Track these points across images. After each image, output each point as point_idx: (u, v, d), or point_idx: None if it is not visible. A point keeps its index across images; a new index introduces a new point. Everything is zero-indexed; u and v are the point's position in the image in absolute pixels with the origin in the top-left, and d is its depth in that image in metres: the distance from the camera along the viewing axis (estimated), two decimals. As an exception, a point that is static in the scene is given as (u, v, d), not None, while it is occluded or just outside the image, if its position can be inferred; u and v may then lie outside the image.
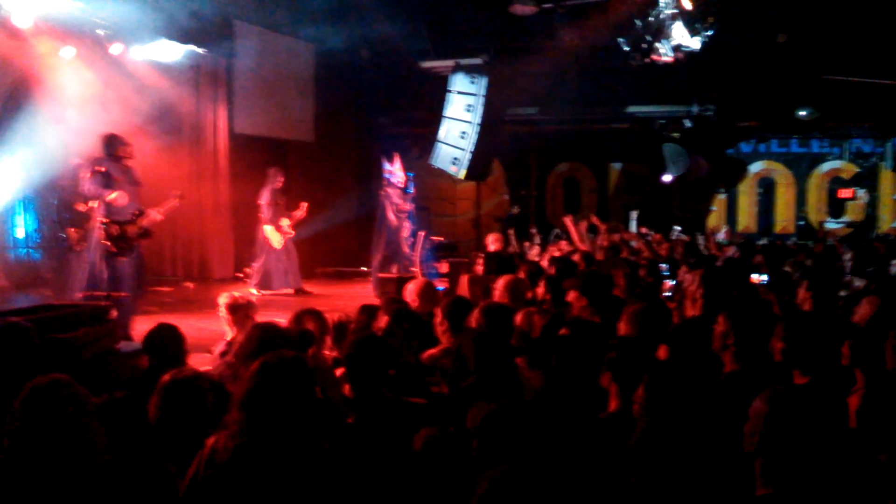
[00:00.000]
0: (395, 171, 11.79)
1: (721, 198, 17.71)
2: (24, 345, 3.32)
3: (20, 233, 11.57)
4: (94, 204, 7.75)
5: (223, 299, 4.92)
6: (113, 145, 7.87)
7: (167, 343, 4.07)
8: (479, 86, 14.42)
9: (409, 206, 11.91)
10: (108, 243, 7.48)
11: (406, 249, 11.82)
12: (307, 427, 2.64)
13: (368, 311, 4.99)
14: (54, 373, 2.62)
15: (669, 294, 5.51)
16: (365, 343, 3.45)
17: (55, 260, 10.52)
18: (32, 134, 11.76)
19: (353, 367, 3.39)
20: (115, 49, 11.37)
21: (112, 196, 7.65)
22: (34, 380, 2.48)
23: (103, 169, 7.70)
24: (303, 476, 2.52)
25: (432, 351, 4.52)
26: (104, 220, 7.53)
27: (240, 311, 4.85)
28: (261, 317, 9.32)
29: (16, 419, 2.41)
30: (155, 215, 7.86)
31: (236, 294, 5.01)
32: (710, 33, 11.48)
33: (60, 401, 2.45)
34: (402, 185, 11.78)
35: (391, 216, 11.56)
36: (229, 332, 4.84)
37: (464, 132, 14.05)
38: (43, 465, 2.35)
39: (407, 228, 11.87)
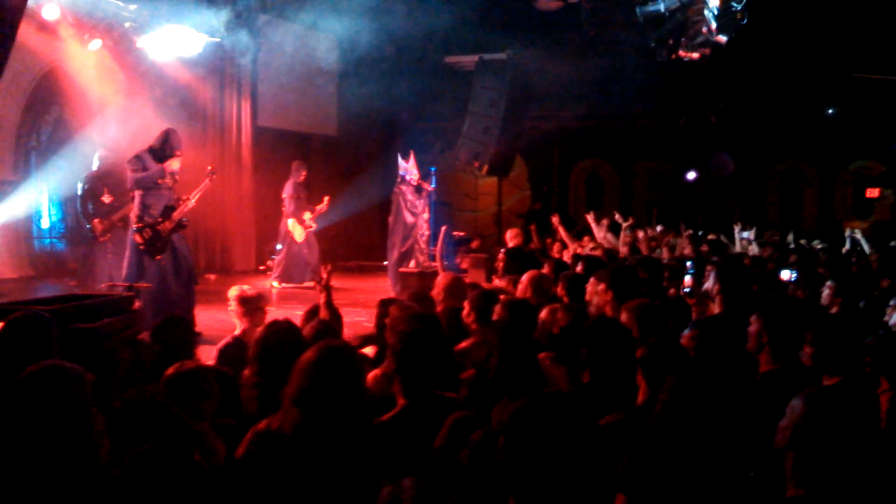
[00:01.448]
0: (409, 168, 11.78)
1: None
2: (44, 335, 3.32)
3: (45, 223, 11.68)
4: (129, 203, 7.75)
5: (233, 292, 4.92)
6: (167, 143, 7.85)
7: (175, 335, 4.07)
8: (503, 81, 14.37)
9: (422, 203, 11.89)
10: (143, 247, 7.48)
11: (423, 245, 11.80)
12: (358, 411, 2.67)
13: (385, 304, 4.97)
14: (72, 362, 2.61)
15: (688, 290, 5.44)
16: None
17: (80, 250, 10.60)
18: (59, 125, 11.89)
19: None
20: (142, 42, 11.44)
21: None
22: (28, 367, 2.45)
23: (145, 161, 7.69)
24: (356, 455, 2.57)
25: (464, 344, 4.49)
26: (137, 225, 7.54)
27: (250, 303, 4.83)
28: (280, 310, 9.39)
29: (8, 405, 2.39)
30: (188, 202, 7.84)
31: (246, 287, 4.98)
32: (738, 29, 11.34)
33: (51, 388, 2.41)
34: (416, 183, 11.76)
35: (406, 213, 11.55)
36: (239, 325, 4.83)
37: (487, 127, 14.01)
38: (34, 454, 2.32)
39: (422, 225, 11.85)
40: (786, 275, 6.19)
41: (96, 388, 2.61)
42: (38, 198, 11.52)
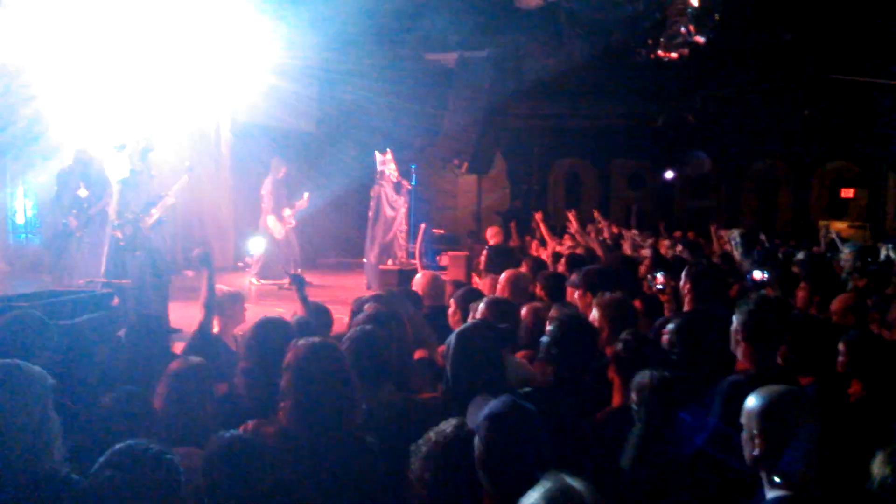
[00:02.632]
0: (387, 162, 11.77)
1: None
2: (40, 333, 3.30)
3: (20, 218, 11.55)
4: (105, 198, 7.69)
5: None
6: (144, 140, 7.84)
7: (149, 333, 4.05)
8: (483, 79, 14.38)
9: (402, 199, 11.88)
10: (123, 244, 7.42)
11: (402, 242, 11.80)
12: (344, 412, 2.65)
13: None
14: (49, 357, 2.59)
15: (661, 287, 5.49)
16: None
17: (55, 245, 10.49)
18: (34, 120, 11.75)
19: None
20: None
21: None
22: None
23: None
24: (341, 460, 2.55)
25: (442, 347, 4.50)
26: (116, 221, 7.49)
27: (226, 304, 4.79)
28: (259, 307, 9.34)
29: None
30: (168, 199, 7.80)
31: (225, 288, 4.95)
32: (715, 30, 11.45)
33: (7, 387, 2.39)
34: (395, 179, 11.75)
35: (386, 207, 11.55)
36: (215, 326, 4.81)
37: (466, 125, 14.02)
38: None
39: (401, 221, 11.85)
40: (758, 275, 6.25)
41: (67, 389, 2.60)
42: (12, 192, 11.39)
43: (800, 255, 8.64)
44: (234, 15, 12.99)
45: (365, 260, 12.06)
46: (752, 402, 2.35)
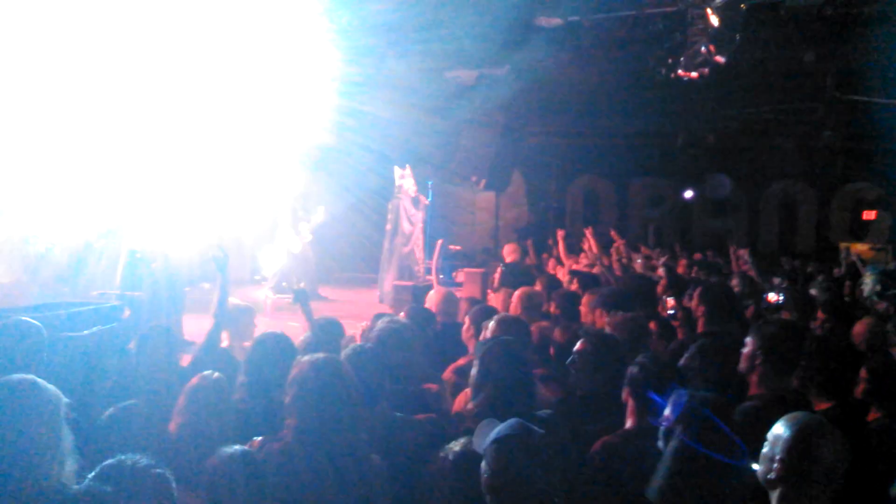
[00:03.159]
0: (405, 177, 11.76)
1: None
2: (33, 342, 3.29)
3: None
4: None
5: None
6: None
7: (159, 345, 4.03)
8: (502, 96, 14.40)
9: (420, 214, 11.87)
10: (139, 255, 7.48)
11: (419, 256, 11.78)
12: (348, 430, 2.62)
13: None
14: (54, 371, 2.58)
15: (672, 312, 5.44)
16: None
17: (74, 257, 10.56)
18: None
19: None
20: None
21: None
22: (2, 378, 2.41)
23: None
24: (345, 479, 2.52)
25: (460, 362, 4.46)
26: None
27: (236, 317, 4.78)
28: (275, 320, 9.35)
29: None
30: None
31: (235, 301, 4.95)
32: (736, 49, 11.39)
33: (20, 404, 2.38)
34: (413, 195, 11.75)
35: (404, 223, 11.53)
36: (224, 340, 4.80)
37: (485, 142, 14.02)
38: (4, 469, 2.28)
39: (419, 236, 11.84)
40: (773, 297, 6.17)
41: (80, 401, 2.59)
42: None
43: (819, 279, 8.54)
44: (252, 28, 13.10)
45: (379, 273, 12.03)
46: (780, 428, 2.32)
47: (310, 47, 13.84)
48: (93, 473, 2.19)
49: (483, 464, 2.47)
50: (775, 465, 2.27)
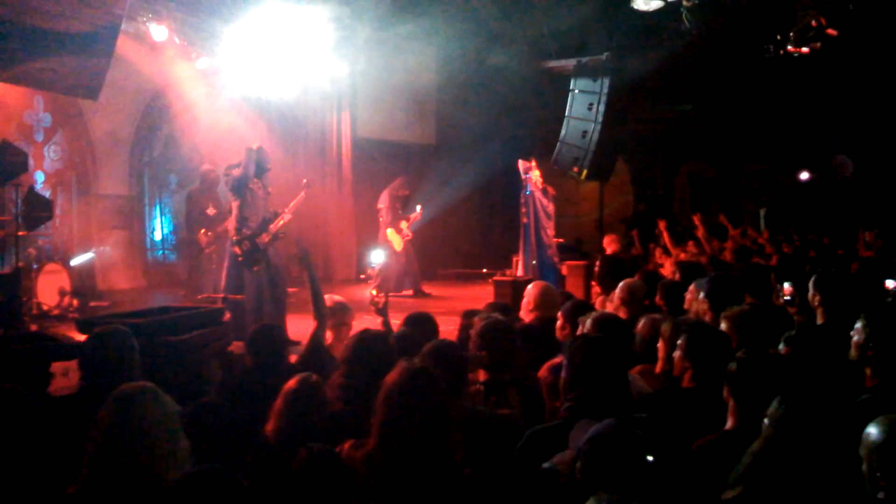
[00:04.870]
0: (531, 169, 11.59)
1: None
2: (125, 348, 3.38)
3: (157, 235, 12.20)
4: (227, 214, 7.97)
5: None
6: (260, 158, 8.11)
7: (269, 343, 4.09)
8: (602, 84, 14.05)
9: (552, 206, 11.65)
10: (241, 259, 7.70)
11: (554, 249, 11.57)
12: (441, 440, 2.55)
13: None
14: (155, 376, 2.63)
15: (789, 299, 5.11)
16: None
17: (188, 262, 11.01)
18: (169, 142, 12.42)
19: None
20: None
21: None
22: (116, 390, 2.45)
23: (242, 179, 7.92)
24: (433, 495, 2.46)
25: (555, 360, 4.35)
26: (234, 237, 7.77)
27: (335, 316, 4.80)
28: (378, 318, 9.41)
29: (97, 431, 2.40)
30: (286, 215, 8.05)
31: (336, 298, 4.96)
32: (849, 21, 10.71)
33: (141, 412, 2.41)
34: (542, 186, 11.56)
35: (543, 216, 11.31)
36: (328, 338, 4.82)
37: (585, 131, 13.72)
38: (123, 483, 2.31)
39: (552, 228, 11.62)
40: (891, 283, 5.71)
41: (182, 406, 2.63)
42: (150, 211, 12.07)
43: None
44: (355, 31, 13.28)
45: (522, 265, 11.76)
46: (872, 431, 2.04)
47: (406, 47, 13.94)
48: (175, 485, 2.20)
49: (577, 464, 2.39)
50: (878, 481, 2.01)
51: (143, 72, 11.39)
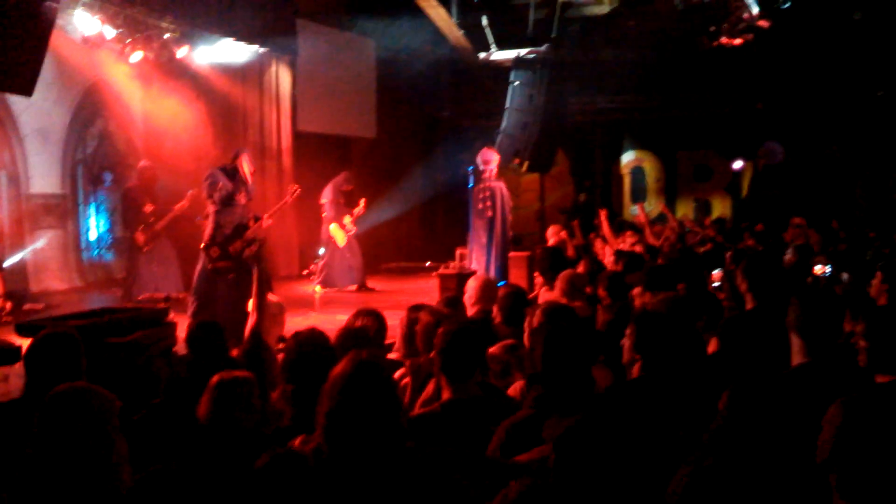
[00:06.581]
0: (491, 161, 11.64)
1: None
2: (71, 352, 3.32)
3: (93, 235, 11.90)
4: (206, 214, 7.84)
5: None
6: (237, 158, 7.99)
7: (209, 340, 4.05)
8: (541, 76, 14.22)
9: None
10: (211, 266, 7.57)
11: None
12: (391, 430, 2.56)
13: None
14: (102, 378, 2.59)
15: (718, 285, 5.27)
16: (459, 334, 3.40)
17: (126, 261, 10.77)
18: (104, 137, 12.12)
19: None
20: (182, 52, 11.54)
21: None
22: (53, 390, 2.42)
23: (221, 183, 7.78)
24: (386, 483, 2.46)
25: (492, 349, 4.40)
26: (205, 243, 7.64)
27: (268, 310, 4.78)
28: (324, 314, 9.39)
29: (36, 430, 2.36)
30: (265, 221, 7.97)
31: (272, 297, 4.95)
32: (781, 12, 11.04)
33: (77, 411, 2.38)
34: (495, 177, 11.62)
35: (508, 209, 11.31)
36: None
37: (525, 123, 13.87)
38: (62, 479, 2.28)
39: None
40: (819, 269, 5.94)
41: (127, 407, 2.60)
42: (85, 210, 11.75)
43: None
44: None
45: (479, 258, 11.77)
46: (833, 409, 2.14)
47: (343, 42, 13.83)
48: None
49: (553, 461, 2.41)
50: (826, 445, 2.11)
51: (75, 65, 11.10)
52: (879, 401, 2.23)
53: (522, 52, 14.48)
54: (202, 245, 7.69)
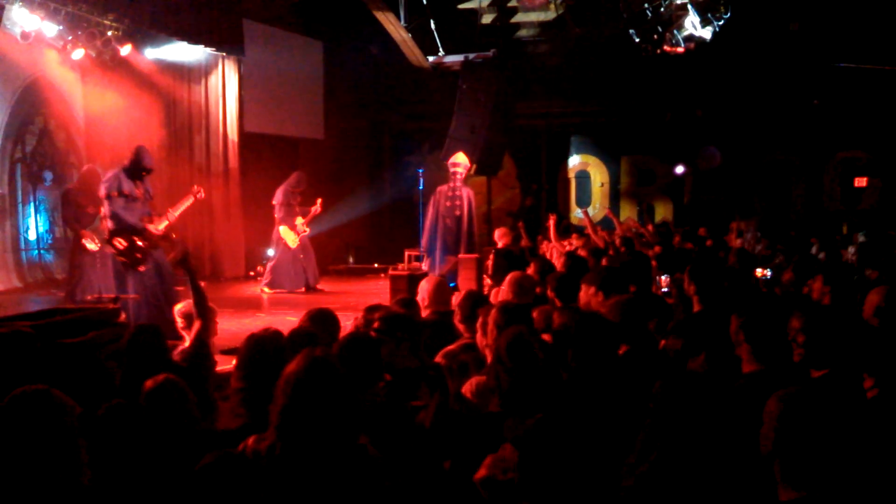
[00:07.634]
0: (459, 164, 11.67)
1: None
2: (26, 352, 3.27)
3: (32, 235, 11.60)
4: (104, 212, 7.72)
5: (179, 307, 4.98)
6: (141, 159, 7.83)
7: (146, 345, 4.02)
8: (489, 80, 14.36)
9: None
10: (121, 258, 7.48)
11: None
12: (344, 427, 2.59)
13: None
14: (57, 377, 2.56)
15: (666, 290, 5.43)
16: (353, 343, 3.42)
17: (67, 261, 10.54)
18: (44, 136, 11.83)
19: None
20: (126, 50, 11.36)
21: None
22: (12, 392, 2.39)
23: (120, 179, 7.66)
24: (339, 478, 2.49)
25: (450, 347, 4.45)
26: (110, 230, 7.53)
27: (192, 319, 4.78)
28: (272, 316, 9.34)
29: None
30: (170, 216, 7.85)
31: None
32: (721, 23, 11.37)
33: (38, 413, 2.37)
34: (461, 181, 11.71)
35: (475, 212, 11.39)
36: (187, 340, 4.79)
37: (474, 126, 13.97)
38: (22, 481, 2.26)
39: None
40: (759, 272, 6.16)
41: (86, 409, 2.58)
42: (24, 209, 11.46)
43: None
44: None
45: (439, 260, 11.81)
46: (771, 402, 2.27)
47: (296, 45, 13.74)
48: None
49: (518, 461, 2.47)
50: (769, 438, 2.24)
51: (14, 62, 10.84)
52: (813, 393, 2.37)
53: (470, 56, 14.59)
54: (104, 238, 7.63)
